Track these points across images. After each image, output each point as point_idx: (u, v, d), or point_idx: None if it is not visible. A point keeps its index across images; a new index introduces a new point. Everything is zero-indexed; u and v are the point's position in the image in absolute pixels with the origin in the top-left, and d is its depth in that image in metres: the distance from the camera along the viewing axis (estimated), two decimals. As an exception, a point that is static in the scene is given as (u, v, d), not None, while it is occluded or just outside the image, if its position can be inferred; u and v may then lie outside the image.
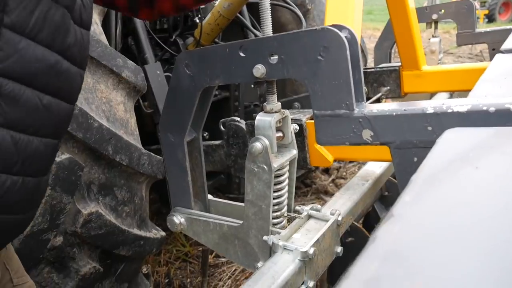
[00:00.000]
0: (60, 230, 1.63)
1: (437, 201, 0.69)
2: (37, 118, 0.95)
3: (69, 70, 1.00)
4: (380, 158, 1.90)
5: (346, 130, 1.24)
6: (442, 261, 0.53)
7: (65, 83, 1.00)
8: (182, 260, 3.48)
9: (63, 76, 0.99)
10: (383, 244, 0.57)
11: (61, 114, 1.02)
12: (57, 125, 1.02)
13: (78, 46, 1.01)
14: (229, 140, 2.19)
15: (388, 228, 0.61)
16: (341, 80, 1.20)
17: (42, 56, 0.93)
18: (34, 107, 0.93)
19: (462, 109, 1.08)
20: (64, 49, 0.97)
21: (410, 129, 1.15)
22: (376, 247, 0.56)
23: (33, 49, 0.91)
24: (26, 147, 0.93)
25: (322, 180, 4.80)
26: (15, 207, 0.97)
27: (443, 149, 0.90)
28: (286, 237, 1.46)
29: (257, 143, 1.37)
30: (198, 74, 1.44)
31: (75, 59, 1.01)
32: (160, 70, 2.49)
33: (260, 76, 1.30)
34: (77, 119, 1.60)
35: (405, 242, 0.58)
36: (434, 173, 0.79)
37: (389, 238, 0.59)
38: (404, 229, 0.60)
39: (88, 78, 1.73)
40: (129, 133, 1.87)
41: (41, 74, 0.93)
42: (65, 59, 0.98)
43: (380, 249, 0.56)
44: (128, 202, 1.89)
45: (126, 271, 2.01)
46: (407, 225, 0.61)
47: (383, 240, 0.58)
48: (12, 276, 1.17)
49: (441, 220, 0.62)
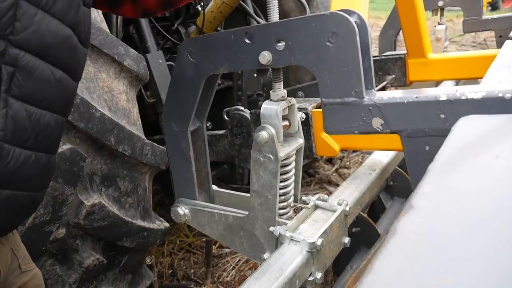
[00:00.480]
0: (62, 222, 1.60)
1: (457, 191, 0.65)
2: (50, 92, 0.96)
3: (77, 46, 1.01)
4: (387, 147, 1.86)
5: (355, 119, 1.20)
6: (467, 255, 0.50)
7: (74, 59, 1.01)
8: (186, 251, 3.46)
9: (73, 52, 1.00)
10: (404, 238, 0.54)
11: (69, 90, 1.03)
12: (66, 101, 1.04)
13: (84, 23, 1.02)
14: (233, 129, 2.15)
15: (409, 220, 0.57)
16: (351, 66, 1.16)
17: (56, 29, 0.93)
18: (47, 81, 0.94)
19: (477, 96, 1.05)
20: (75, 24, 0.98)
21: (422, 117, 1.12)
22: (398, 241, 0.53)
23: (48, 22, 0.92)
24: (39, 121, 0.95)
25: (325, 170, 4.77)
26: (28, 183, 0.98)
27: (459, 137, 0.86)
28: (293, 228, 1.43)
29: (263, 132, 1.33)
30: (202, 62, 1.40)
31: (81, 35, 1.02)
32: (162, 59, 2.44)
33: (267, 63, 1.27)
34: (78, 109, 1.57)
35: (427, 235, 0.54)
36: (451, 162, 0.76)
37: (410, 231, 0.55)
38: (425, 222, 0.57)
39: (89, 67, 1.69)
40: (131, 123, 1.83)
41: (54, 47, 0.94)
42: (75, 34, 0.99)
43: (401, 243, 0.53)
44: (131, 193, 1.87)
45: (129, 262, 1.99)
46: (428, 217, 0.58)
47: (404, 233, 0.55)
48: (20, 262, 1.17)
49: (464, 211, 0.59)
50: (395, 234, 0.54)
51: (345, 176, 4.65)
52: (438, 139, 1.12)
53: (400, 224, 0.56)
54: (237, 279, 3.16)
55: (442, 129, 1.10)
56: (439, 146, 1.14)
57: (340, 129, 1.24)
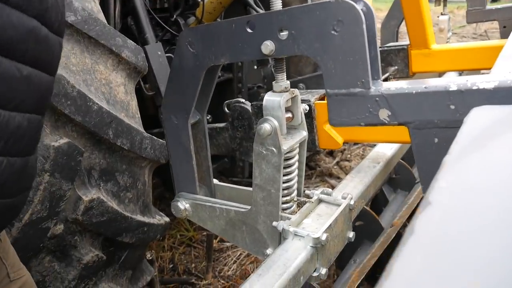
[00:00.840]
0: (60, 218, 1.57)
1: (475, 185, 0.61)
2: (18, 92, 0.88)
3: (47, 37, 0.93)
4: (392, 140, 1.82)
5: (361, 110, 1.16)
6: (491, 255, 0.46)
7: (44, 52, 0.93)
8: (186, 245, 3.44)
9: (43, 44, 0.91)
10: (423, 237, 0.50)
11: (42, 86, 0.95)
12: (39, 98, 0.95)
13: (55, 10, 0.93)
14: (234, 122, 2.11)
15: (427, 218, 0.54)
16: (357, 56, 1.12)
17: (18, 21, 0.84)
18: (13, 79, 0.86)
19: (489, 86, 1.00)
20: (42, 13, 0.90)
21: (431, 108, 1.08)
22: (417, 241, 0.50)
23: (8, 14, 0.83)
24: (8, 124, 0.87)
25: (326, 162, 4.74)
26: (2, 190, 0.91)
27: (473, 128, 0.82)
28: (296, 222, 1.40)
29: (265, 124, 1.29)
30: (202, 52, 1.36)
31: (52, 24, 0.93)
32: (161, 51, 2.40)
33: (269, 53, 1.22)
34: (75, 102, 1.53)
35: (447, 233, 0.51)
36: (467, 155, 0.72)
37: (429, 229, 0.52)
38: (445, 219, 0.53)
39: (86, 58, 1.65)
40: (130, 116, 1.79)
41: (18, 41, 0.85)
42: (43, 25, 0.90)
43: (421, 243, 0.49)
44: (131, 187, 1.83)
45: (129, 258, 1.96)
46: (447, 214, 0.54)
47: (423, 232, 0.51)
48: (9, 271, 1.12)
49: (485, 207, 0.55)
50: (413, 233, 0.51)
51: (346, 169, 4.62)
52: (448, 131, 1.08)
53: (418, 222, 0.52)
54: (239, 273, 3.13)
55: (452, 120, 1.06)
56: (448, 138, 1.11)
57: (345, 121, 1.20)
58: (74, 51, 1.60)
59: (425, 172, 1.15)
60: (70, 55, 1.59)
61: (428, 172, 1.14)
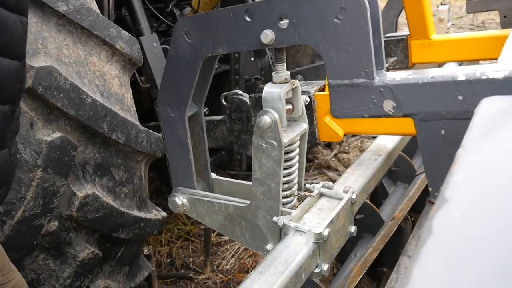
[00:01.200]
0: (54, 215, 1.52)
1: (493, 180, 0.57)
2: None
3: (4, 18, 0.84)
4: (394, 132, 1.79)
5: (365, 101, 1.12)
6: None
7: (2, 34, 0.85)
8: (184, 239, 3.40)
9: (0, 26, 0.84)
10: (443, 238, 0.46)
11: (5, 72, 0.87)
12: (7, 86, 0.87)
13: None
14: (232, 114, 2.07)
15: (445, 217, 0.50)
16: (360, 45, 1.08)
17: None
18: None
19: (499, 76, 0.96)
20: None
21: (438, 99, 1.04)
22: (436, 243, 0.46)
23: None
24: None
25: (324, 155, 4.70)
26: None
27: (485, 119, 0.78)
28: (297, 217, 1.36)
29: (265, 117, 1.25)
30: (199, 42, 1.31)
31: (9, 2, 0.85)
32: (157, 42, 2.34)
33: (269, 43, 1.18)
34: (68, 95, 1.48)
35: (468, 234, 0.47)
36: (481, 148, 0.68)
37: (448, 230, 0.48)
38: (464, 218, 0.49)
39: (79, 50, 1.60)
40: (125, 109, 1.74)
41: None
42: None
43: (441, 245, 0.45)
44: (127, 182, 1.78)
45: (126, 254, 1.92)
46: (466, 212, 0.50)
47: (442, 233, 0.47)
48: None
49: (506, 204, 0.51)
50: (431, 235, 0.47)
51: (344, 161, 4.59)
52: (455, 123, 1.05)
53: (436, 222, 0.48)
54: (237, 267, 3.10)
55: (460, 111, 1.02)
56: (456, 130, 1.07)
57: (348, 113, 1.16)
58: (66, 42, 1.55)
59: (431, 165, 1.12)
60: (62, 46, 1.53)
61: (434, 165, 1.11)
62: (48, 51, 1.48)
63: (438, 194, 0.56)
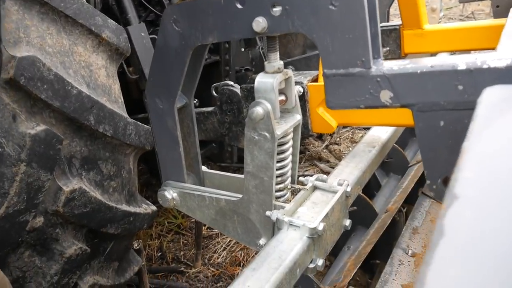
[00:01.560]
0: (39, 210, 1.47)
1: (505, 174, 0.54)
2: None
3: None
4: (390, 123, 1.75)
5: (361, 91, 1.08)
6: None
7: None
8: (175, 233, 3.36)
9: None
10: (456, 239, 0.42)
11: None
12: None
13: None
14: (223, 106, 2.02)
15: (456, 215, 0.46)
16: (357, 33, 1.03)
17: None
18: None
19: (500, 64, 0.93)
20: None
21: (437, 89, 1.00)
22: (450, 244, 0.42)
23: None
24: None
25: (315, 146, 4.67)
26: None
27: (490, 109, 0.75)
28: (291, 211, 1.32)
29: (258, 108, 1.21)
30: (188, 31, 1.26)
31: None
32: (145, 32, 2.29)
33: (261, 31, 1.13)
34: (52, 86, 1.42)
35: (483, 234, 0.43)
36: (488, 140, 0.64)
37: (461, 230, 0.44)
38: (476, 217, 0.46)
39: (64, 39, 1.54)
40: (112, 100, 1.69)
41: None
42: None
43: (455, 247, 0.42)
44: (115, 176, 1.73)
45: (115, 249, 1.87)
46: (478, 210, 0.47)
47: (454, 233, 0.43)
48: None
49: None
50: (443, 235, 0.43)
51: (335, 152, 4.57)
52: (455, 113, 1.01)
53: (447, 221, 0.45)
54: (228, 260, 3.07)
55: (460, 101, 0.98)
56: (455, 121, 1.04)
57: (343, 104, 1.12)
58: (50, 31, 1.49)
59: (429, 157, 1.08)
60: (46, 35, 1.47)
61: (433, 157, 1.07)
62: (31, 40, 1.42)
63: (446, 191, 0.52)
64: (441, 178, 1.09)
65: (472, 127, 0.68)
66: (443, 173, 1.08)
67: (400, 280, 1.81)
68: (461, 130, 1.02)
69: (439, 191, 1.10)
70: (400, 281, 1.81)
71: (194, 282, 2.92)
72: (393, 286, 1.77)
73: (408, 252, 1.99)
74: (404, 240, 2.02)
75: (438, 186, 1.10)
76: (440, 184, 1.09)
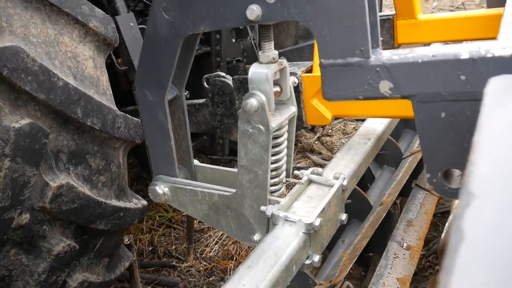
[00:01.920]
0: (25, 207, 1.42)
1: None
2: None
3: None
4: (386, 114, 1.72)
5: (360, 82, 1.04)
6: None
7: None
8: (166, 226, 3.32)
9: None
10: (479, 244, 0.39)
11: None
12: None
13: None
14: (214, 98, 1.97)
15: (476, 216, 0.42)
16: (355, 21, 0.99)
17: None
18: None
19: (505, 53, 0.89)
20: None
21: (438, 79, 0.97)
22: (472, 249, 0.38)
23: None
24: None
25: (307, 138, 4.64)
26: None
27: (499, 100, 0.71)
28: (286, 206, 1.29)
29: (252, 100, 1.16)
30: (179, 19, 1.21)
31: None
32: (134, 22, 2.22)
33: (255, 19, 1.08)
34: (37, 77, 1.37)
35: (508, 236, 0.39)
36: (501, 132, 0.61)
37: (483, 233, 0.40)
38: (498, 217, 0.42)
39: (49, 29, 1.48)
40: (100, 92, 1.63)
41: None
42: None
43: (478, 253, 0.38)
44: (104, 170, 1.68)
45: (105, 245, 1.83)
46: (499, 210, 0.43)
47: (476, 237, 0.39)
48: None
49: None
50: (463, 239, 0.39)
51: (327, 144, 4.54)
52: (456, 104, 0.98)
53: (467, 224, 0.41)
54: (221, 254, 3.04)
55: (462, 92, 0.95)
56: (457, 112, 1.00)
57: (341, 95, 1.07)
58: (34, 20, 1.43)
59: (429, 150, 1.05)
60: (30, 24, 1.41)
61: (433, 149, 1.04)
62: (14, 29, 1.36)
63: (462, 188, 0.48)
64: (442, 171, 1.06)
65: (481, 119, 0.65)
66: (444, 166, 1.05)
67: (396, 273, 1.79)
68: (463, 122, 0.99)
69: (439, 184, 1.07)
70: (396, 274, 1.79)
71: (186, 277, 2.88)
72: (388, 279, 1.75)
73: (403, 245, 1.96)
74: (399, 233, 2.00)
75: (438, 179, 1.07)
76: (441, 177, 1.06)
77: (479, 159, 0.53)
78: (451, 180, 1.06)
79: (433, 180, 1.07)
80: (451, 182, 1.06)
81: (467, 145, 0.99)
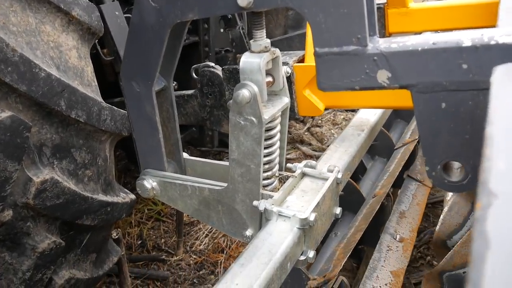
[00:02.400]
0: (8, 203, 1.36)
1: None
2: None
3: None
4: (382, 105, 1.68)
5: (356, 71, 1.00)
6: None
7: None
8: (155, 220, 3.27)
9: None
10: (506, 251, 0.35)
11: None
12: None
13: None
14: (203, 89, 1.92)
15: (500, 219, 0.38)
16: (352, 7, 0.95)
17: None
18: None
19: (510, 40, 0.85)
20: None
21: (439, 68, 0.93)
22: (499, 257, 0.34)
23: None
24: None
25: (297, 129, 4.61)
26: None
27: (507, 90, 0.67)
28: (279, 201, 1.25)
29: (243, 90, 1.12)
30: (166, 7, 1.15)
31: None
32: (119, 11, 2.16)
33: (247, 6, 1.03)
34: (17, 68, 1.30)
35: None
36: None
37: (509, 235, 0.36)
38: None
39: (30, 17, 1.41)
40: (85, 84, 1.57)
41: None
42: None
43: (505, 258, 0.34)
44: (90, 164, 1.63)
45: (93, 241, 1.78)
46: (523, 210, 0.39)
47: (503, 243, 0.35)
48: None
49: None
50: (489, 246, 0.35)
51: (317, 135, 4.51)
52: (458, 94, 0.94)
53: (491, 227, 0.37)
54: (211, 247, 3.00)
55: (464, 81, 0.91)
56: (457, 102, 0.96)
57: (337, 85, 1.03)
58: (14, 8, 1.36)
59: (429, 142, 1.01)
60: (9, 13, 1.34)
61: (433, 141, 1.00)
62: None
63: (479, 185, 0.44)
64: (441, 164, 1.02)
65: (491, 110, 0.61)
66: (444, 159, 1.01)
67: (389, 266, 1.77)
68: (464, 112, 0.95)
69: (439, 177, 1.04)
70: (389, 267, 1.76)
71: (176, 270, 2.84)
72: (382, 272, 1.73)
73: (396, 237, 1.94)
74: (392, 225, 1.97)
75: (437, 172, 1.03)
76: (440, 170, 1.03)
77: (495, 154, 0.49)
78: (451, 173, 1.03)
79: (432, 173, 1.04)
80: (451, 175, 1.02)
81: (468, 137, 0.95)
